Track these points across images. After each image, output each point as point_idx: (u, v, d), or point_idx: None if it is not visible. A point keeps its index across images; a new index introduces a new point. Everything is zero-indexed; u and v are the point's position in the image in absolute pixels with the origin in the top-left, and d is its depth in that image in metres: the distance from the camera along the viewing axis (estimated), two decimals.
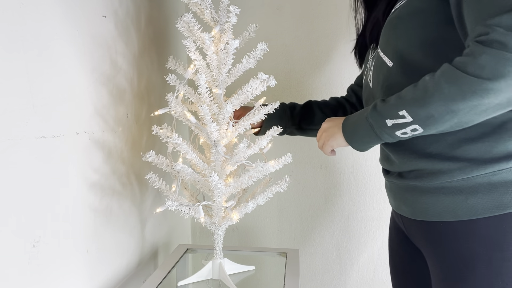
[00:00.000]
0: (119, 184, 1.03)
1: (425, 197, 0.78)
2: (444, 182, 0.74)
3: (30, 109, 0.72)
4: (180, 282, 1.01)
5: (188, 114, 0.91)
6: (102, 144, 0.95)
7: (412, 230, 0.86)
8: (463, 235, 0.73)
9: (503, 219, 0.69)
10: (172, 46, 1.37)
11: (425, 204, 0.78)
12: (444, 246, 0.76)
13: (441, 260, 0.77)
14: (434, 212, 0.76)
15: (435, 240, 0.78)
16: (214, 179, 0.88)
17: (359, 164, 1.45)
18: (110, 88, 0.98)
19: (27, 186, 0.72)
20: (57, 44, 0.79)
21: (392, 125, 0.72)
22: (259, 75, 0.90)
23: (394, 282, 1.01)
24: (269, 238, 1.55)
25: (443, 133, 0.73)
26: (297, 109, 1.13)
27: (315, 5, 1.42)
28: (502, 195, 0.69)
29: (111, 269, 1.01)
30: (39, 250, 0.75)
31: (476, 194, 0.71)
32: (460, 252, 0.73)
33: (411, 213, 0.82)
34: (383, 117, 0.73)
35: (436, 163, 0.75)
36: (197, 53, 0.90)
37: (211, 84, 0.95)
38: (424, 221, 0.79)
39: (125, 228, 1.08)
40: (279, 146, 1.46)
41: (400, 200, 0.85)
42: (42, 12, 0.75)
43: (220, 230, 0.99)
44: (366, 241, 1.48)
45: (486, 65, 0.60)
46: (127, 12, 1.07)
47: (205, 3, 0.93)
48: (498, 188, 0.70)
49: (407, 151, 0.80)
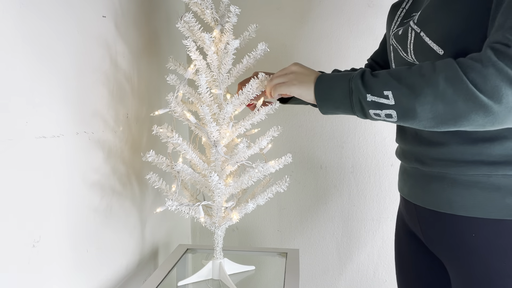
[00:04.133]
0: (119, 184, 1.03)
1: (456, 188, 0.71)
2: (481, 175, 0.69)
3: (30, 109, 0.72)
4: (180, 282, 1.01)
5: (188, 114, 0.91)
6: (102, 144, 0.95)
7: (428, 222, 0.79)
8: (493, 235, 0.68)
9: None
10: (172, 46, 1.37)
11: (454, 195, 0.72)
12: (471, 250, 0.71)
13: (467, 270, 0.72)
14: (462, 206, 0.71)
15: (458, 239, 0.72)
16: (214, 179, 0.87)
17: (359, 164, 1.45)
18: (110, 88, 0.98)
19: (27, 186, 0.72)
20: (57, 44, 0.79)
21: (371, 102, 0.68)
22: (259, 75, 0.90)
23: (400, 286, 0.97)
24: (269, 238, 1.55)
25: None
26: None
27: (315, 5, 1.42)
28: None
29: (111, 269, 1.01)
30: (39, 250, 0.75)
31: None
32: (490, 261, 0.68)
33: (432, 203, 0.76)
34: (366, 89, 0.68)
35: (481, 151, 0.69)
36: (197, 53, 0.90)
37: (211, 84, 0.95)
38: (447, 213, 0.73)
39: (125, 228, 1.07)
40: (279, 146, 1.46)
41: (422, 189, 0.78)
42: (42, 12, 0.74)
43: (220, 230, 0.99)
44: (366, 241, 1.48)
45: (489, 79, 0.57)
46: (127, 12, 1.06)
47: (205, 3, 0.93)
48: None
49: (449, 132, 0.71)
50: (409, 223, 0.88)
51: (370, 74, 0.70)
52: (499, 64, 0.57)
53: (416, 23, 0.75)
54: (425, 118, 0.64)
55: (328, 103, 0.75)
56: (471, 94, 0.59)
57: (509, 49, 0.57)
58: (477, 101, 0.59)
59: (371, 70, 0.72)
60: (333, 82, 0.75)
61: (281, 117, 1.46)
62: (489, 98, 0.58)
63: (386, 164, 1.43)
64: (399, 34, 0.81)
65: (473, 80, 0.59)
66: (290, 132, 1.48)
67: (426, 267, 0.87)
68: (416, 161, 0.80)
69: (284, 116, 1.47)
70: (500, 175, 0.68)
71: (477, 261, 0.71)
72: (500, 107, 0.58)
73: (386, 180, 1.44)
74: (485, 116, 0.59)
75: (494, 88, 0.57)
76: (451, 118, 0.62)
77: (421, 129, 0.76)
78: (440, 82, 0.61)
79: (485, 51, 0.60)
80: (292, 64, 0.84)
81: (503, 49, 0.58)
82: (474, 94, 0.59)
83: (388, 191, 1.44)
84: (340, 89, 0.72)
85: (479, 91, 0.58)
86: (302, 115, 1.46)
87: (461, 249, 0.73)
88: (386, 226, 1.46)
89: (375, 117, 0.70)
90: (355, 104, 0.70)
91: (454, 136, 0.71)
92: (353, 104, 0.71)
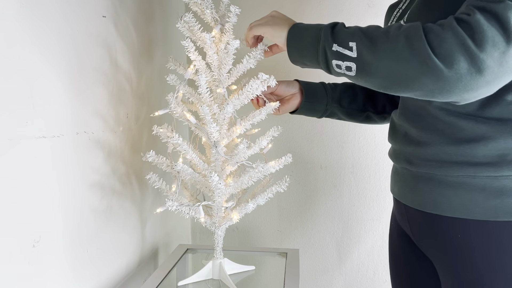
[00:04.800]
0: (119, 184, 1.03)
1: (442, 189, 0.72)
2: (466, 176, 0.69)
3: (30, 109, 0.71)
4: (180, 282, 1.01)
5: (188, 115, 0.91)
6: (102, 144, 0.95)
7: (417, 223, 0.80)
8: (478, 237, 0.68)
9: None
10: (172, 46, 1.37)
11: (440, 196, 0.72)
12: (457, 250, 0.71)
13: (453, 271, 0.72)
14: (448, 207, 0.71)
15: (445, 240, 0.73)
16: (214, 179, 0.87)
17: (359, 164, 1.45)
18: (110, 88, 0.98)
19: (27, 186, 0.72)
20: (57, 44, 0.79)
21: (335, 51, 0.69)
22: (259, 75, 0.90)
23: (394, 286, 0.98)
24: (269, 238, 1.55)
25: (478, 123, 0.68)
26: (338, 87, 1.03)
27: (315, 5, 1.42)
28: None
29: (111, 269, 1.01)
30: (39, 250, 0.75)
31: (500, 195, 0.66)
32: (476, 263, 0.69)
33: (420, 203, 0.76)
34: (334, 39, 0.70)
35: (465, 152, 0.69)
36: (196, 53, 0.90)
37: (211, 84, 0.95)
38: (433, 214, 0.74)
39: (125, 228, 1.07)
40: (279, 146, 1.46)
41: (410, 189, 0.79)
42: (42, 12, 0.74)
43: (220, 230, 0.99)
44: (366, 241, 1.48)
45: (445, 41, 0.58)
46: (127, 12, 1.06)
47: (205, 3, 0.93)
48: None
49: (435, 132, 0.73)
50: (401, 223, 0.88)
51: (343, 26, 0.72)
52: (457, 29, 0.58)
53: (406, 22, 0.76)
54: (380, 75, 0.65)
55: (296, 50, 0.77)
56: (426, 55, 0.59)
57: (469, 17, 0.58)
58: (430, 62, 0.59)
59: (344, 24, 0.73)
60: (305, 30, 0.76)
61: (281, 117, 1.46)
62: (441, 62, 0.58)
63: (386, 164, 1.43)
64: None
65: (431, 42, 0.59)
66: (290, 132, 1.48)
67: (418, 267, 0.88)
68: (405, 161, 0.80)
69: (284, 116, 1.46)
70: (484, 176, 0.68)
71: (463, 262, 0.71)
72: (450, 72, 0.58)
73: (386, 180, 1.44)
74: (435, 80, 0.60)
75: (448, 52, 0.58)
76: (404, 79, 0.63)
77: (409, 129, 0.78)
78: (400, 40, 0.62)
79: (449, 18, 0.60)
80: (272, 11, 0.87)
81: (464, 17, 0.58)
82: (428, 55, 0.59)
83: (388, 191, 1.44)
84: (310, 37, 0.74)
85: (434, 54, 0.59)
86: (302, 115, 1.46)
87: (448, 249, 0.73)
88: (386, 226, 1.46)
89: (337, 69, 0.70)
90: (321, 53, 0.72)
91: (440, 136, 0.72)
92: (319, 53, 0.72)
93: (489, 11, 0.57)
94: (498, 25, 0.56)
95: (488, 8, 0.57)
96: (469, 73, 0.58)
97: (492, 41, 0.56)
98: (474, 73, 0.57)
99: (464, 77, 0.58)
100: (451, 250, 0.72)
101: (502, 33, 0.56)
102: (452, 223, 0.71)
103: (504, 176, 0.67)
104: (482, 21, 0.56)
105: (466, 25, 0.58)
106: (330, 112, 1.02)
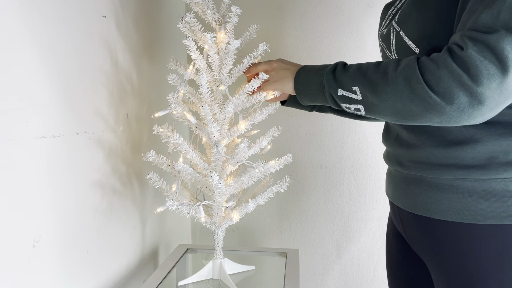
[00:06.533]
0: (119, 184, 1.03)
1: (431, 191, 0.72)
2: (455, 179, 0.69)
3: (30, 109, 0.71)
4: (180, 282, 1.01)
5: (188, 115, 0.91)
6: (102, 144, 0.95)
7: (409, 225, 0.80)
8: (467, 240, 0.68)
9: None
10: (172, 46, 1.37)
11: (430, 199, 0.72)
12: (447, 253, 0.71)
13: (445, 273, 0.72)
14: (438, 210, 0.71)
15: (436, 242, 0.73)
16: (214, 179, 0.87)
17: (359, 164, 1.45)
18: (110, 88, 0.98)
19: (27, 186, 0.72)
20: (57, 44, 0.79)
21: (342, 96, 0.72)
22: (259, 75, 0.90)
23: (390, 287, 0.98)
24: (269, 238, 1.55)
25: (466, 126, 0.68)
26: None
27: (315, 5, 1.42)
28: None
29: (111, 269, 1.01)
30: (39, 250, 0.75)
31: (489, 199, 0.66)
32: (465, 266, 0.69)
33: (411, 206, 0.77)
34: (337, 84, 0.73)
35: (453, 155, 0.69)
36: (198, 52, 0.90)
37: (212, 84, 0.95)
38: (424, 216, 0.74)
39: (125, 228, 1.07)
40: (279, 147, 1.46)
41: (401, 191, 0.80)
42: (42, 12, 0.74)
43: (221, 230, 0.99)
44: (366, 241, 1.48)
45: (442, 80, 0.59)
46: (127, 12, 1.06)
47: (206, 3, 0.93)
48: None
49: (425, 134, 0.73)
50: (396, 225, 0.89)
51: (343, 68, 0.74)
52: (452, 66, 0.58)
53: (397, 22, 0.76)
54: (387, 113, 0.68)
55: (307, 99, 0.82)
56: (426, 95, 0.61)
57: (462, 52, 0.58)
58: (431, 101, 0.61)
59: (345, 63, 0.76)
60: (308, 77, 0.80)
61: (281, 117, 1.46)
62: (441, 99, 0.60)
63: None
64: (384, 33, 0.83)
65: (428, 81, 0.61)
66: (290, 132, 1.48)
67: (414, 268, 0.88)
68: (396, 163, 0.81)
69: (284, 116, 1.47)
70: (473, 179, 0.68)
71: (453, 264, 0.71)
72: (452, 107, 0.59)
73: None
74: (439, 115, 0.61)
75: (446, 90, 0.59)
76: (410, 115, 0.65)
77: (400, 131, 0.80)
78: (399, 82, 0.64)
79: (443, 52, 0.61)
80: (275, 61, 0.90)
81: (458, 52, 0.59)
82: (428, 94, 0.61)
83: None
84: (314, 85, 0.78)
85: (433, 92, 0.60)
86: (302, 115, 1.46)
87: (439, 252, 0.73)
88: (386, 226, 1.46)
89: (348, 110, 0.74)
90: (328, 98, 0.75)
91: (429, 138, 0.73)
92: (327, 98, 0.76)
93: (482, 42, 0.57)
94: (492, 56, 0.56)
95: (481, 39, 0.57)
96: (470, 105, 0.59)
97: (487, 74, 0.57)
98: (475, 105, 0.59)
99: (467, 109, 0.59)
100: (443, 253, 0.72)
101: (496, 64, 0.56)
102: (442, 226, 0.72)
103: (492, 179, 0.67)
104: (475, 55, 0.57)
105: (460, 61, 0.58)
106: (318, 107, 1.04)
